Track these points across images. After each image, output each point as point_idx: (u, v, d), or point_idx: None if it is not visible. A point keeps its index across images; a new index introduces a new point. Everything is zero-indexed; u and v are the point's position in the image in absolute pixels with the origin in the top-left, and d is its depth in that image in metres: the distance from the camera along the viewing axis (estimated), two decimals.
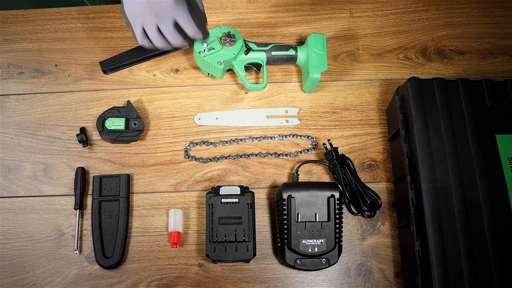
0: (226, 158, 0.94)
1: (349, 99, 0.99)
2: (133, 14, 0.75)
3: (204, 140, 0.95)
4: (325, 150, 0.91)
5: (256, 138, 0.95)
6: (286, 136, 0.95)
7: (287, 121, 0.96)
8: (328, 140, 0.92)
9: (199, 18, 0.77)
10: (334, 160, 0.90)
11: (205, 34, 0.78)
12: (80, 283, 0.87)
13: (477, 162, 0.82)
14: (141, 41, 0.77)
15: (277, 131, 0.96)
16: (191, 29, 0.75)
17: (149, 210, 0.91)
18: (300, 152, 0.94)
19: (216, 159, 0.93)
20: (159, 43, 0.77)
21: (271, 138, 0.95)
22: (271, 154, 0.94)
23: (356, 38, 1.04)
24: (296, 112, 0.96)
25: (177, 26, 0.75)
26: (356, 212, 0.90)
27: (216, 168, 0.94)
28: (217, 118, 0.95)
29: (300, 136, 0.95)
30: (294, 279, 0.88)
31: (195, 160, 0.93)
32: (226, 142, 0.95)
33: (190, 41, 0.80)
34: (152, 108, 0.97)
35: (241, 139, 0.95)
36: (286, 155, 0.94)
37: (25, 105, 0.97)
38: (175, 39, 0.76)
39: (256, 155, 0.94)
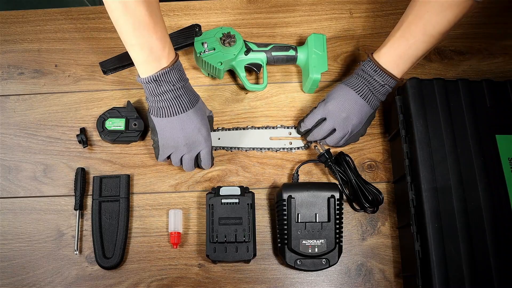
0: (226, 148, 0.94)
1: None
2: (166, 143, 0.85)
3: None
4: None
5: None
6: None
7: (290, 143, 0.95)
8: (319, 142, 0.92)
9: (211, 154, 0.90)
10: (329, 162, 0.90)
11: (212, 164, 0.90)
12: (80, 283, 0.87)
13: (477, 162, 0.82)
14: (160, 161, 0.88)
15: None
16: (207, 163, 0.88)
17: (149, 211, 0.91)
18: (297, 148, 0.94)
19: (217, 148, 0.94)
20: (175, 165, 0.89)
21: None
22: (269, 149, 0.94)
23: (356, 39, 1.04)
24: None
25: (196, 158, 0.88)
26: (358, 208, 0.90)
27: (216, 169, 0.94)
28: (219, 139, 0.94)
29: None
30: (294, 279, 0.88)
31: None
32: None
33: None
34: None
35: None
36: (285, 149, 0.94)
37: (25, 105, 0.97)
38: (189, 168, 0.88)
39: (253, 149, 0.94)
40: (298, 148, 0.94)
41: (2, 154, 0.94)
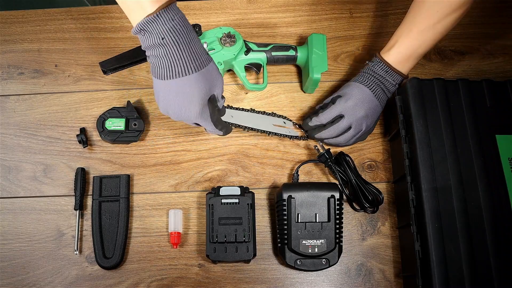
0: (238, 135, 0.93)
1: None
2: (161, 110, 0.79)
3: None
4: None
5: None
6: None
7: (289, 132, 0.95)
8: (320, 142, 0.92)
9: (222, 123, 0.85)
10: (329, 162, 0.90)
11: (227, 131, 0.87)
12: (80, 283, 0.87)
13: (477, 162, 0.82)
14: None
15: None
16: (214, 133, 0.85)
17: (149, 211, 0.91)
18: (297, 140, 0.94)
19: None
20: None
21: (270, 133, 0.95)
22: (276, 134, 0.93)
23: (356, 39, 1.04)
24: (291, 124, 0.95)
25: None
26: (358, 208, 0.90)
27: (216, 169, 0.94)
28: (232, 116, 0.92)
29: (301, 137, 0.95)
30: (294, 279, 0.88)
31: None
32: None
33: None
34: (152, 108, 0.97)
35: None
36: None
37: (25, 105, 0.97)
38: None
39: (263, 131, 0.93)
40: (301, 138, 0.94)
41: (2, 154, 0.94)
